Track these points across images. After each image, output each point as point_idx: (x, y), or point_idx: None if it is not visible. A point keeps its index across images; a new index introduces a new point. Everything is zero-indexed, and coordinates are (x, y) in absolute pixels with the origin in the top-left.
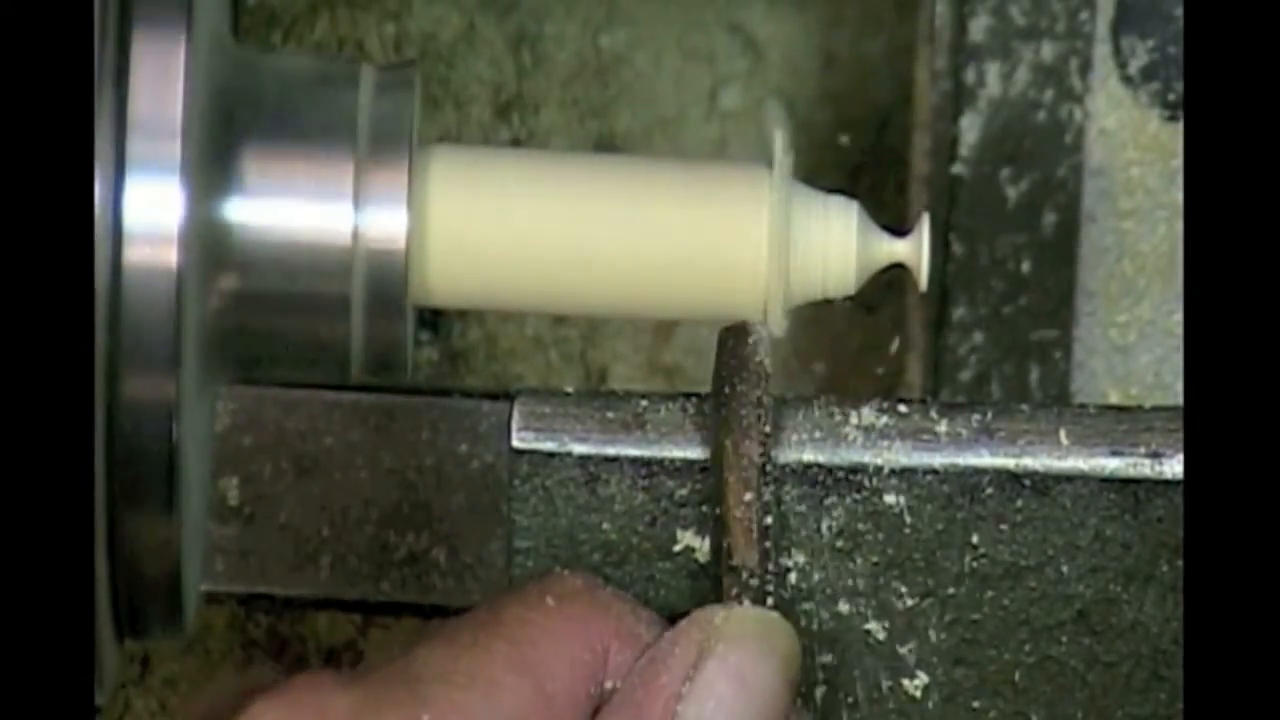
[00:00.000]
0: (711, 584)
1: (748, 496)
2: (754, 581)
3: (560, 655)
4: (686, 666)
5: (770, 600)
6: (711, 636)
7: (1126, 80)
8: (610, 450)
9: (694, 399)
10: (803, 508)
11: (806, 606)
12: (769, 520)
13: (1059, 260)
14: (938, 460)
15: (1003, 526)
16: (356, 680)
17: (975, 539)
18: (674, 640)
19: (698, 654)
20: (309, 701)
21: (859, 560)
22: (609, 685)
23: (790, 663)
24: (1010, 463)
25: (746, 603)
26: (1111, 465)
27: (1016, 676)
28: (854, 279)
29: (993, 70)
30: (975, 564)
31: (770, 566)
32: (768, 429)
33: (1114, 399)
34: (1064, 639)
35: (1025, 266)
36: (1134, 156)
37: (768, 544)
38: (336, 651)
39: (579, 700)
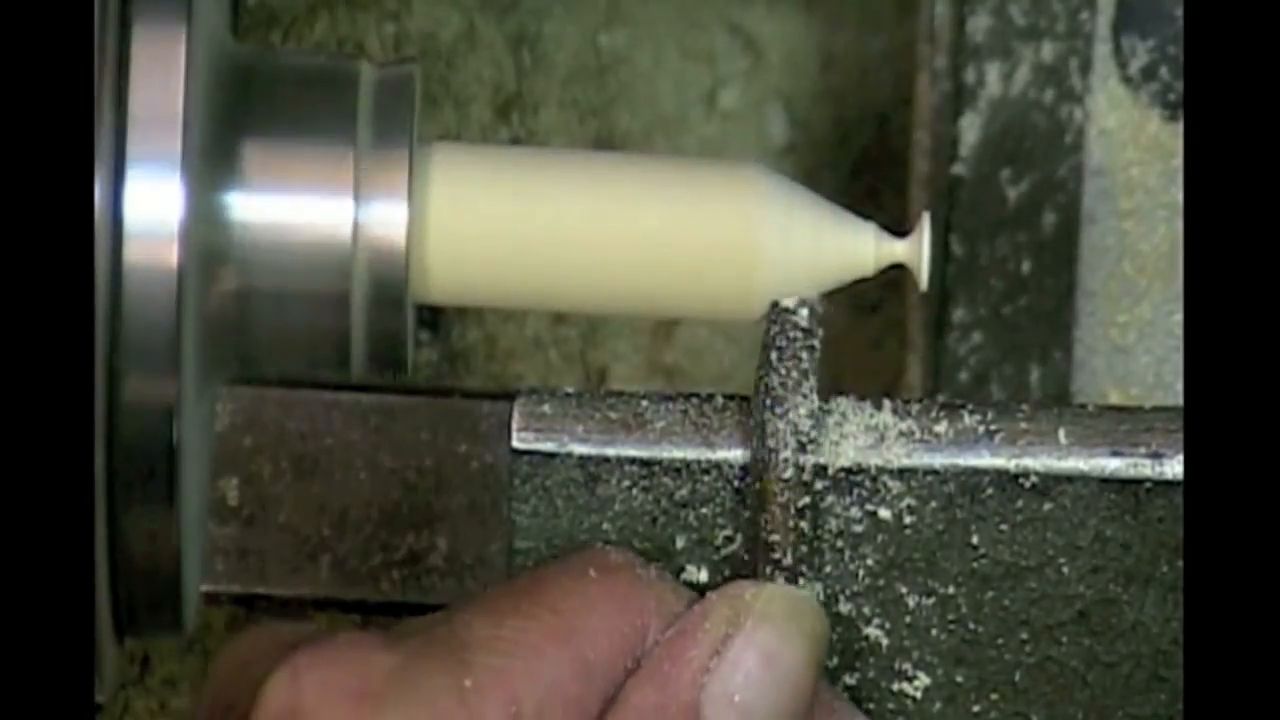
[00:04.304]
0: (744, 559)
1: (788, 473)
2: (788, 559)
3: (602, 627)
4: (715, 641)
5: (802, 580)
6: (741, 613)
7: (1126, 80)
8: (610, 450)
9: (694, 399)
10: None
11: None
12: (808, 498)
13: (1059, 260)
14: (938, 460)
15: (1003, 527)
16: (399, 641)
17: (975, 539)
18: (703, 614)
19: (727, 629)
20: (352, 659)
21: (859, 561)
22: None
23: (818, 643)
24: (1010, 463)
25: (780, 580)
26: (1112, 465)
27: (1017, 677)
28: (856, 276)
29: (993, 70)
30: (975, 564)
31: (805, 547)
32: (812, 402)
33: (1114, 399)
34: (1064, 639)
35: (1025, 266)
36: (1134, 156)
37: (804, 523)
38: None
39: (617, 673)
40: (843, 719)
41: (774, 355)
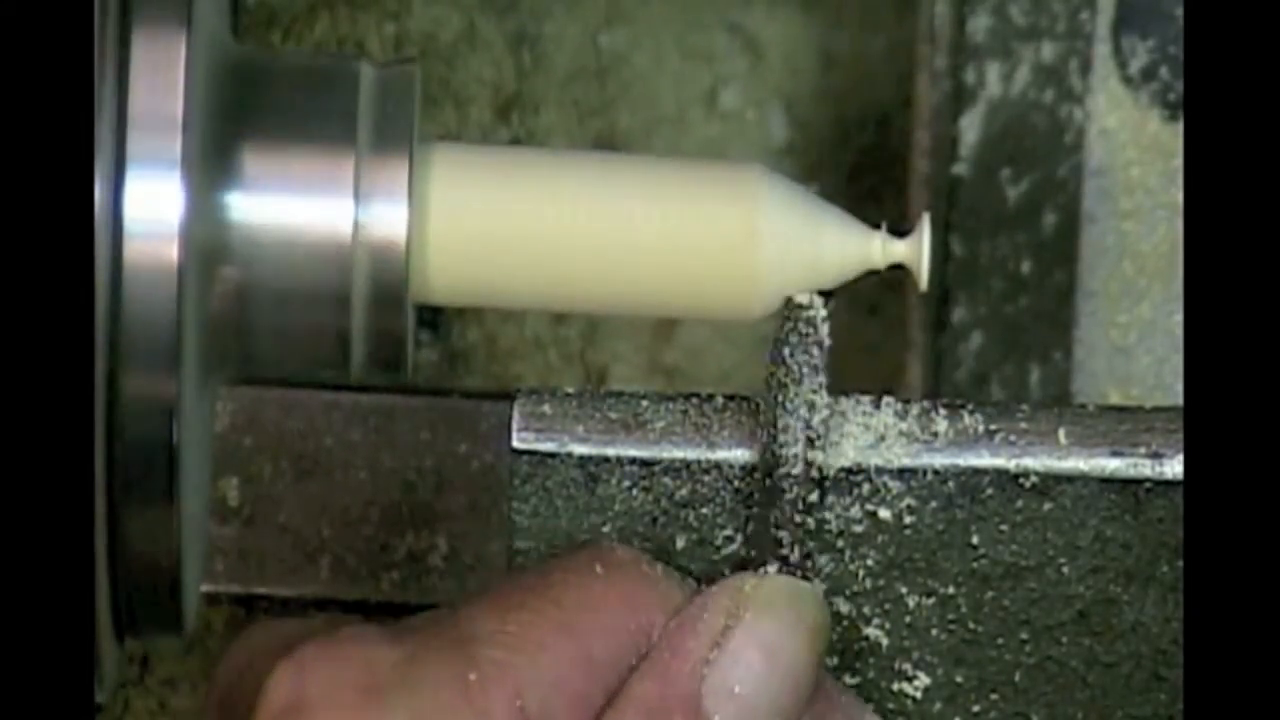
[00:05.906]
0: (745, 558)
1: (797, 469)
2: (794, 555)
3: (607, 623)
4: (715, 633)
5: (800, 571)
6: (741, 604)
7: (1126, 80)
8: (610, 450)
9: (694, 399)
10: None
11: None
12: (815, 495)
13: (1059, 260)
14: (938, 460)
15: (1003, 527)
16: (404, 636)
17: (975, 539)
18: (703, 606)
19: (727, 621)
20: (356, 653)
21: (859, 561)
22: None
23: (819, 634)
24: (1010, 463)
25: (783, 569)
26: (1112, 465)
27: (1017, 677)
28: (851, 276)
29: (993, 70)
30: (975, 564)
31: (811, 543)
32: (822, 397)
33: (1114, 399)
34: (1064, 639)
35: (1025, 266)
36: (1134, 156)
37: (810, 519)
38: None
39: (621, 669)
40: (845, 708)
41: (786, 350)
